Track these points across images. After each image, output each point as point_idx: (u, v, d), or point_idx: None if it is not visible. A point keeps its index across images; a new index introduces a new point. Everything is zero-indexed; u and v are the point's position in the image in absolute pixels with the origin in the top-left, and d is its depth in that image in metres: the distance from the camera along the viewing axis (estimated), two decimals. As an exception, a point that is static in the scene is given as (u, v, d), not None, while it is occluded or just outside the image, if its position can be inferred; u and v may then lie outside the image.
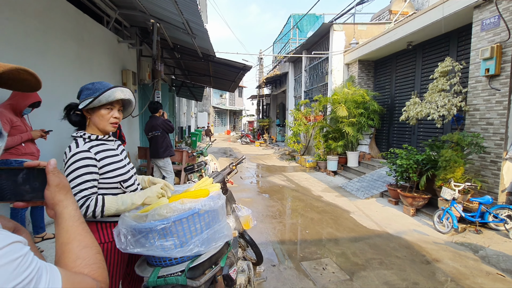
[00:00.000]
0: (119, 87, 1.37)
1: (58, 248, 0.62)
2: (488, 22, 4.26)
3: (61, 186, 0.66)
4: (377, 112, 7.59)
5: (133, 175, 1.47)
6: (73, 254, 0.60)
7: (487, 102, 4.29)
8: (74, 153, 1.27)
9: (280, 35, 16.81)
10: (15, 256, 0.42)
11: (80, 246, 0.62)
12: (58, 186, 0.65)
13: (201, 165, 3.15)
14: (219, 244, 1.38)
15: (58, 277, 0.48)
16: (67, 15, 3.85)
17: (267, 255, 3.17)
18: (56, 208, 0.65)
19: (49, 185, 0.65)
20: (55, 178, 0.65)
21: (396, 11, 9.49)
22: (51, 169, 0.65)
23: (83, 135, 1.35)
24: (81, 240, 0.63)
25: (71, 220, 0.64)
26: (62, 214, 0.64)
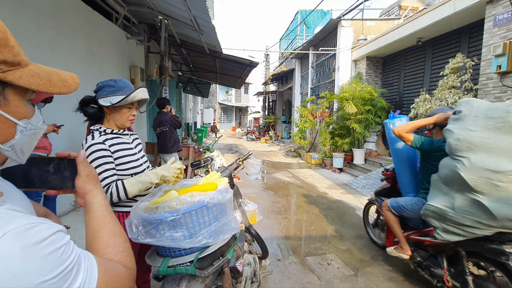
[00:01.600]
0: (141, 87, 1.45)
1: (89, 236, 0.64)
2: (501, 17, 4.16)
3: (91, 176, 0.69)
4: (385, 109, 7.52)
5: (145, 168, 1.54)
6: (104, 242, 0.62)
7: (498, 100, 4.20)
8: (90, 145, 1.35)
9: (287, 31, 16.68)
10: (60, 244, 0.44)
11: (110, 234, 0.64)
12: (88, 176, 0.68)
13: (208, 160, 3.19)
14: (226, 237, 1.42)
15: (94, 263, 0.51)
16: (77, 13, 3.91)
17: (272, 249, 3.21)
18: (86, 197, 0.67)
19: (80, 175, 0.67)
20: (85, 169, 0.68)
21: (406, 6, 9.31)
22: (81, 160, 0.68)
23: (99, 129, 1.42)
24: (111, 229, 0.65)
25: (100, 209, 0.66)
26: (92, 203, 0.66)
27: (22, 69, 0.48)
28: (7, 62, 0.45)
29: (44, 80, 0.51)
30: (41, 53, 3.22)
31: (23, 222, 0.41)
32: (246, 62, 7.37)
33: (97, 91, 1.40)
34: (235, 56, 7.18)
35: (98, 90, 1.40)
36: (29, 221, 0.42)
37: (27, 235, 0.40)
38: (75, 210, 3.98)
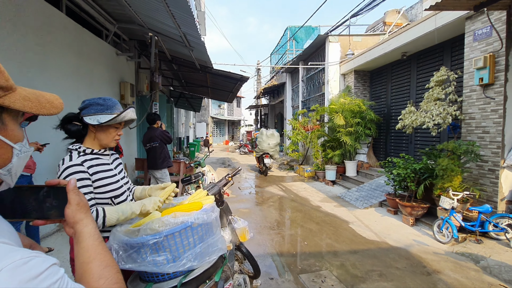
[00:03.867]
0: (131, 107, 1.41)
1: (79, 267, 0.61)
2: (480, 32, 4.35)
3: (82, 205, 0.67)
4: (374, 121, 7.64)
5: (125, 190, 1.46)
6: (95, 274, 0.59)
7: (482, 111, 4.32)
8: (67, 166, 1.27)
9: (277, 46, 17.08)
10: (55, 279, 0.44)
11: (102, 265, 0.61)
12: (79, 205, 0.66)
13: (199, 176, 3.13)
14: (213, 258, 1.35)
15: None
16: (66, 30, 3.91)
17: (264, 267, 3.11)
18: (76, 226, 0.65)
19: (70, 203, 0.65)
20: (75, 197, 0.66)
21: (390, 22, 9.69)
22: (71, 188, 0.66)
23: (78, 149, 1.35)
24: (102, 259, 0.62)
25: (91, 239, 0.64)
26: (82, 233, 0.64)
27: (14, 93, 0.49)
28: (2, 88, 0.46)
29: (35, 102, 0.52)
30: (29, 70, 3.17)
31: (17, 256, 0.41)
32: (236, 76, 7.45)
33: (83, 108, 1.35)
34: (225, 71, 7.26)
35: (84, 108, 1.34)
36: (23, 255, 0.42)
37: (23, 270, 0.40)
38: (59, 231, 3.81)
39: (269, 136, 9.69)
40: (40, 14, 3.37)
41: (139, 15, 4.48)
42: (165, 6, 3.56)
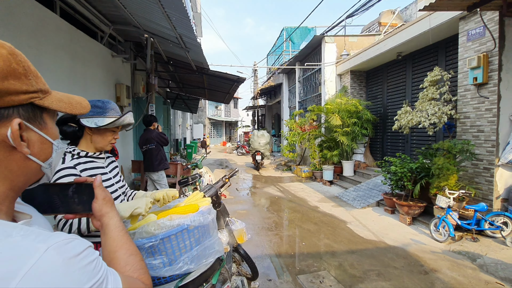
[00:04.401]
0: (130, 111, 1.40)
1: (106, 256, 0.67)
2: (473, 32, 4.40)
3: (107, 199, 0.74)
4: (371, 121, 7.67)
5: (120, 194, 1.43)
6: (122, 261, 0.65)
7: (477, 110, 4.36)
8: (59, 169, 1.24)
9: (273, 47, 17.12)
10: (92, 258, 0.48)
11: (127, 253, 0.67)
12: (105, 199, 0.73)
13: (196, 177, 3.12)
14: (209, 261, 1.34)
15: (119, 278, 0.55)
16: (60, 31, 3.87)
17: (262, 269, 3.10)
18: (103, 219, 0.71)
19: (97, 198, 0.72)
20: (102, 192, 0.73)
21: (385, 23, 9.76)
22: (97, 184, 0.73)
23: (72, 151, 1.32)
24: (128, 248, 0.68)
25: (116, 230, 0.70)
26: (109, 225, 0.70)
27: (50, 95, 0.55)
28: (42, 90, 0.53)
29: (67, 103, 0.58)
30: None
31: (61, 237, 0.46)
32: (233, 77, 7.44)
33: None
34: (222, 72, 7.25)
35: None
36: (65, 237, 0.47)
37: (66, 249, 0.45)
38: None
39: (260, 136, 11.42)
40: (33, 15, 3.34)
41: (135, 16, 4.46)
42: (160, 8, 3.55)
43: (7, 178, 0.50)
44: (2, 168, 0.49)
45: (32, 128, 0.52)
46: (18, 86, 0.48)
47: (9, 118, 0.48)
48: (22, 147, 0.50)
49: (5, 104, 0.47)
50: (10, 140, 0.48)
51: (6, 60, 0.47)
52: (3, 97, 0.47)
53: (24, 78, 0.49)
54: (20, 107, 0.50)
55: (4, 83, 0.46)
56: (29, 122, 0.51)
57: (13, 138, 0.48)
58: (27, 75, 0.50)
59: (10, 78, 0.47)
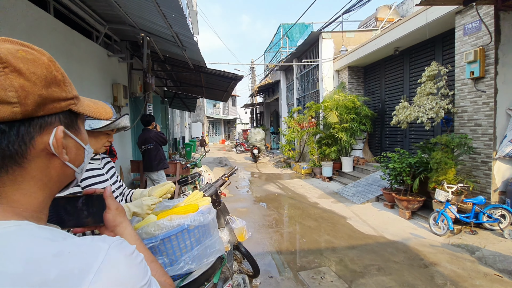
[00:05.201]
0: (126, 114, 1.38)
1: None
2: (470, 26, 4.40)
3: (120, 209, 0.72)
4: (369, 116, 7.68)
5: (117, 195, 1.42)
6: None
7: (474, 104, 4.38)
8: None
9: (270, 44, 17.05)
10: (141, 258, 0.49)
11: (148, 261, 0.65)
12: (118, 209, 0.72)
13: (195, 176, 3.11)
14: (211, 260, 1.35)
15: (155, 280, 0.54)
16: (54, 32, 3.84)
17: (264, 266, 3.12)
18: (117, 229, 0.70)
19: (110, 209, 0.71)
20: (114, 202, 0.71)
21: (382, 18, 9.74)
22: (108, 194, 0.71)
23: None
24: (147, 256, 0.67)
25: (133, 239, 0.70)
26: (124, 235, 0.69)
27: (81, 101, 0.55)
28: (77, 97, 0.54)
29: (95, 108, 0.59)
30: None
31: (114, 238, 0.47)
32: (230, 75, 7.41)
33: None
34: (219, 70, 7.22)
35: None
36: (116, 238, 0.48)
37: (122, 247, 0.46)
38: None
39: (256, 134, 14.09)
40: (27, 16, 3.31)
41: (130, 15, 4.42)
42: (156, 6, 3.52)
43: (47, 186, 0.51)
44: (43, 176, 0.49)
45: (70, 135, 0.53)
46: (59, 93, 0.49)
47: (52, 125, 0.49)
48: (63, 154, 0.50)
49: (49, 111, 0.48)
50: (51, 148, 0.48)
51: (48, 67, 0.47)
52: (47, 105, 0.47)
53: (63, 85, 0.50)
54: (61, 114, 0.51)
55: (48, 91, 0.47)
56: (67, 129, 0.52)
57: (57, 145, 0.49)
58: (65, 82, 0.51)
59: (52, 86, 0.48)
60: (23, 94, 0.43)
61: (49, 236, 0.43)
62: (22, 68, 0.44)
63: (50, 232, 0.45)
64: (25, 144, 0.46)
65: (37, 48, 0.49)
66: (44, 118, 0.48)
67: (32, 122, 0.46)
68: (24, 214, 0.46)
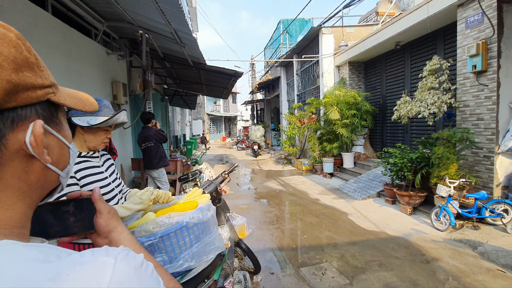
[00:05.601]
0: (123, 110, 1.37)
1: None
2: (472, 19, 4.34)
3: (113, 212, 0.64)
4: (370, 112, 7.64)
5: (117, 194, 1.41)
6: None
7: (476, 98, 4.33)
8: None
9: (270, 40, 16.95)
10: (151, 269, 0.44)
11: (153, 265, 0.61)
12: (110, 213, 0.63)
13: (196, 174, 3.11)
14: (210, 257, 1.34)
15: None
16: (53, 30, 3.81)
17: (265, 262, 3.12)
18: (111, 235, 0.62)
19: (101, 213, 0.62)
20: (105, 205, 0.63)
21: (382, 12, 9.64)
22: (97, 197, 0.63)
23: None
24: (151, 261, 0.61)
25: (131, 245, 0.62)
26: (119, 240, 0.62)
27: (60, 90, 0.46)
28: (55, 85, 0.44)
29: (78, 99, 0.50)
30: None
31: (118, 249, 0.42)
32: (230, 72, 7.38)
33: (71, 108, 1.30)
34: (219, 67, 7.18)
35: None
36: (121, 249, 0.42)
37: (131, 259, 0.41)
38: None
39: (256, 130, 15.47)
40: (25, 14, 3.28)
41: (128, 12, 4.39)
42: (154, 2, 3.48)
43: (27, 195, 0.42)
44: (21, 183, 0.41)
45: (51, 131, 0.43)
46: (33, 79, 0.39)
47: (27, 120, 0.39)
48: (43, 155, 0.41)
49: (22, 102, 0.38)
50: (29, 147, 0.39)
51: (17, 46, 0.37)
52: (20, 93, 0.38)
53: (37, 69, 0.40)
54: (38, 105, 0.41)
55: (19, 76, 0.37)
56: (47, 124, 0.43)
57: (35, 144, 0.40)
58: (39, 66, 0.41)
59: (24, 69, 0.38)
60: None
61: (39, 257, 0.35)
62: None
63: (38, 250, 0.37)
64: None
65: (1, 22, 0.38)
66: (16, 111, 0.38)
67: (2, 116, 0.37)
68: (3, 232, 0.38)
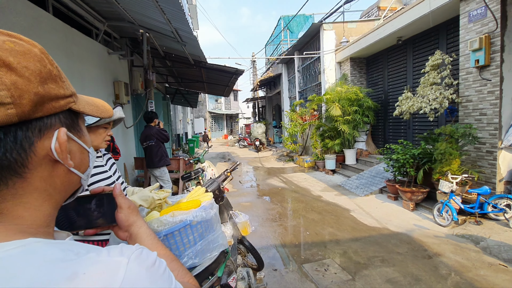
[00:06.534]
0: (118, 106, 1.43)
1: None
2: (475, 13, 4.29)
3: (132, 207, 0.67)
4: (372, 108, 7.61)
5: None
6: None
7: (479, 93, 4.30)
8: None
9: (271, 37, 16.87)
10: (165, 265, 0.46)
11: (169, 260, 0.61)
12: (130, 208, 0.67)
13: (198, 172, 3.13)
14: (214, 254, 1.36)
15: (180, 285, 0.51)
16: (54, 31, 3.83)
17: (268, 259, 3.14)
18: (131, 229, 0.65)
19: (121, 208, 0.66)
20: (125, 201, 0.66)
21: (384, 7, 9.55)
22: (118, 192, 0.66)
23: None
24: (167, 255, 0.63)
25: (149, 238, 0.65)
26: (139, 234, 0.65)
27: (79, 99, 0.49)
28: (75, 94, 0.47)
29: (95, 106, 0.52)
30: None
31: (132, 248, 0.43)
32: (231, 70, 7.37)
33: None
34: (220, 65, 7.18)
35: None
36: (136, 248, 0.43)
37: (143, 259, 0.42)
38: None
39: (258, 127, 16.54)
40: (26, 15, 3.30)
41: (128, 12, 4.39)
42: (154, 2, 3.49)
43: (52, 196, 0.45)
44: (48, 186, 0.44)
45: (73, 137, 0.47)
46: (57, 90, 0.43)
47: (52, 128, 0.43)
48: (67, 160, 0.45)
49: (48, 112, 0.42)
50: (54, 153, 0.42)
51: (41, 60, 0.41)
52: (45, 104, 0.41)
53: (59, 81, 0.44)
54: (61, 114, 0.45)
55: (45, 88, 0.41)
56: (69, 131, 0.46)
57: (60, 150, 0.43)
58: (61, 77, 0.45)
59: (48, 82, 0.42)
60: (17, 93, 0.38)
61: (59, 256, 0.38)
62: (12, 62, 0.38)
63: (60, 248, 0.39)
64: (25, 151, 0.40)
65: (26, 39, 0.42)
66: (43, 120, 0.42)
67: (30, 125, 0.40)
68: (30, 231, 0.41)
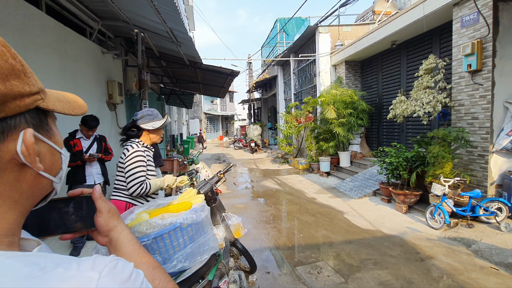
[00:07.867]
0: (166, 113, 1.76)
1: None
2: (467, 18, 4.36)
3: (113, 211, 0.63)
4: (366, 111, 7.67)
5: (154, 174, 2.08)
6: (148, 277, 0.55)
7: (471, 97, 4.36)
8: (135, 151, 1.88)
9: (267, 39, 16.92)
10: (142, 278, 0.43)
11: (150, 267, 0.59)
12: (110, 212, 0.62)
13: (192, 173, 3.10)
14: (204, 258, 1.34)
15: None
16: (47, 28, 3.77)
17: (261, 262, 3.12)
18: (111, 234, 0.61)
19: (101, 211, 0.62)
20: (105, 204, 0.62)
21: (379, 11, 9.66)
22: (98, 195, 0.62)
23: (139, 142, 1.95)
24: (149, 262, 0.60)
25: (130, 244, 0.61)
26: (119, 240, 0.61)
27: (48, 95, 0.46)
28: (43, 90, 0.44)
29: (66, 103, 0.49)
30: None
31: (106, 260, 0.40)
32: (227, 71, 7.36)
33: (138, 119, 1.96)
34: (215, 66, 7.16)
35: (139, 118, 1.95)
36: (110, 260, 0.41)
37: (117, 272, 0.40)
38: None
39: (254, 129, 16.46)
40: (18, 13, 3.24)
41: (123, 11, 4.35)
42: (149, 1, 3.46)
43: (18, 203, 0.42)
44: (13, 192, 0.40)
45: (42, 138, 0.43)
46: (21, 87, 0.39)
47: (17, 129, 0.39)
48: (36, 162, 0.41)
49: (11, 111, 0.38)
50: (21, 156, 0.39)
51: (1, 54, 0.37)
52: (8, 103, 0.38)
53: (24, 77, 0.40)
54: (27, 113, 0.41)
55: (7, 85, 0.37)
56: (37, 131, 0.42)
57: (27, 153, 0.39)
58: (26, 73, 0.41)
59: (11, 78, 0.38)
60: None
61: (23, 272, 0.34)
62: None
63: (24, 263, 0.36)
64: None
65: None
66: (5, 121, 0.38)
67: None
68: None
